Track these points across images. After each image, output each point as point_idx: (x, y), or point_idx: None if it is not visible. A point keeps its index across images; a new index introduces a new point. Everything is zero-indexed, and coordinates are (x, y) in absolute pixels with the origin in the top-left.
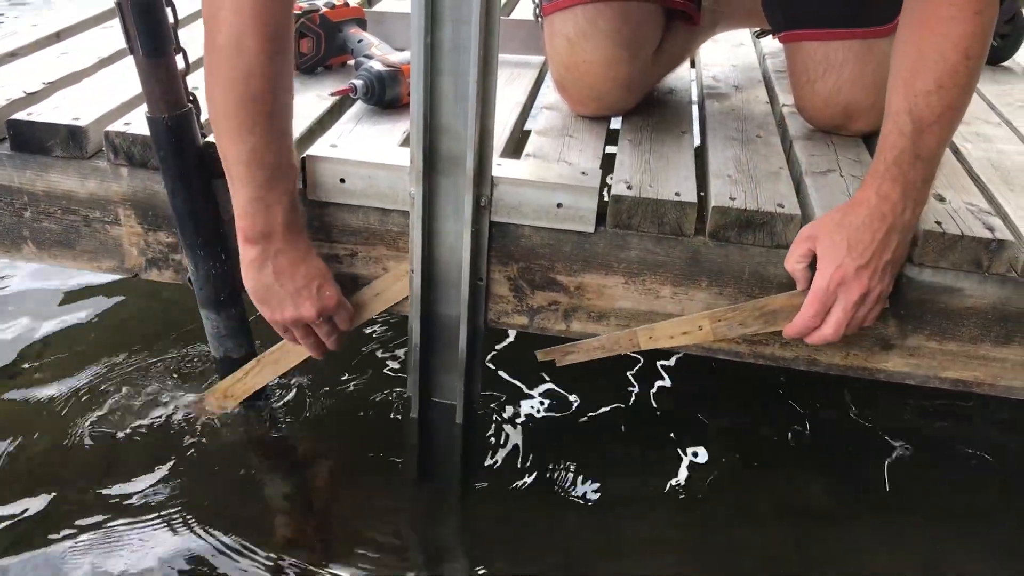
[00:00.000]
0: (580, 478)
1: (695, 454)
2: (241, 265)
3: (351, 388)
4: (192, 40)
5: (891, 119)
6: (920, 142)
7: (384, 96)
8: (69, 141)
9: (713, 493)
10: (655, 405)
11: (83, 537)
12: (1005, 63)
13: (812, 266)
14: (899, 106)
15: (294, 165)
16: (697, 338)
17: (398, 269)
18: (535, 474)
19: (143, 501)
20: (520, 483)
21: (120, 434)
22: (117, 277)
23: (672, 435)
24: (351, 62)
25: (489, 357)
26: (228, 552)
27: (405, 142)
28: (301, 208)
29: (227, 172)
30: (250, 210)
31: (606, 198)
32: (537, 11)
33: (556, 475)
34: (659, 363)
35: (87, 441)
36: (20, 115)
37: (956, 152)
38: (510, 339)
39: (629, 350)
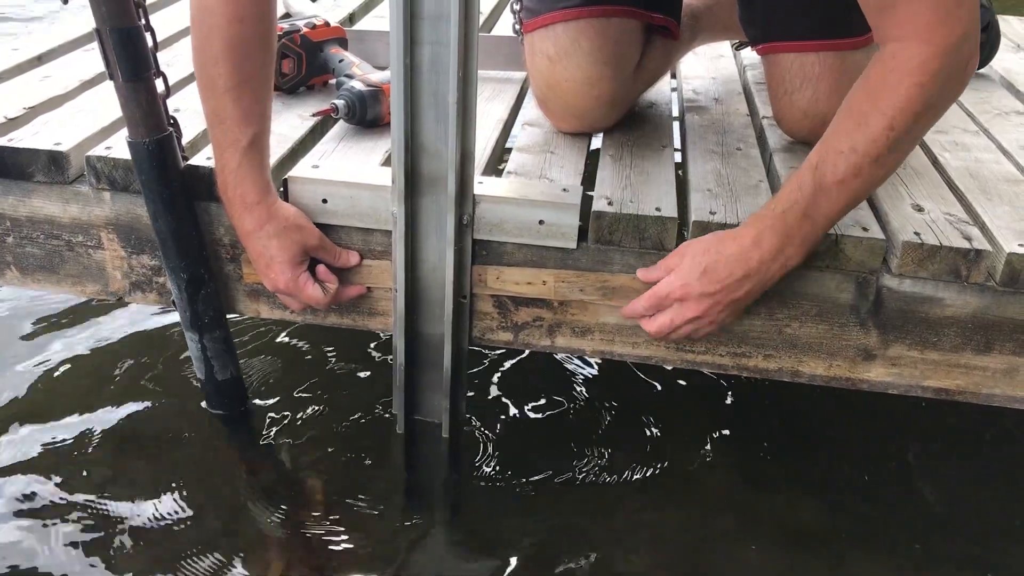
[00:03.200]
0: (569, 492)
1: (690, 473)
2: None
3: (337, 403)
4: (172, 63)
5: (798, 171)
6: (814, 202)
7: (366, 116)
8: (51, 166)
9: (707, 512)
10: (648, 419)
11: (65, 556)
12: (982, 71)
13: None
14: (809, 160)
15: (250, 132)
16: (539, 291)
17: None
18: (523, 491)
19: (126, 519)
20: (508, 500)
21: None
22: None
23: (666, 451)
24: (332, 81)
25: (477, 369)
26: (213, 570)
27: (387, 162)
28: (255, 180)
29: None
30: (215, 169)
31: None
32: (517, 28)
33: (545, 492)
34: (654, 376)
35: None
36: (1, 141)
37: (935, 162)
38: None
39: (477, 283)
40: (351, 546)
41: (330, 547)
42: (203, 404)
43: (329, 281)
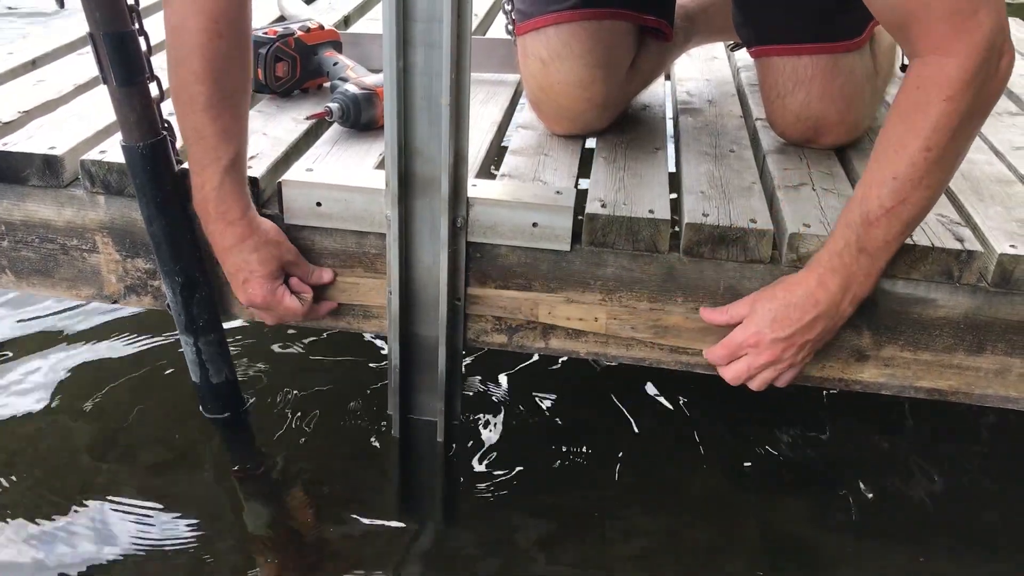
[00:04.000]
0: (562, 497)
1: (679, 474)
2: None
3: (333, 406)
4: (165, 67)
5: (845, 208)
6: (867, 235)
7: (360, 119)
8: (45, 170)
9: (696, 513)
10: (640, 423)
11: (57, 559)
12: None
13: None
14: (855, 195)
15: (231, 150)
16: (589, 327)
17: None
18: (516, 494)
19: (121, 521)
20: (502, 503)
21: None
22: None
23: (657, 454)
24: (327, 84)
25: (469, 373)
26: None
27: (381, 165)
28: (237, 197)
29: None
30: (192, 186)
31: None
32: (510, 29)
33: (537, 495)
34: (646, 380)
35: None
36: None
37: None
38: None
39: (528, 318)
40: (345, 548)
41: (324, 549)
42: (198, 407)
43: (304, 292)
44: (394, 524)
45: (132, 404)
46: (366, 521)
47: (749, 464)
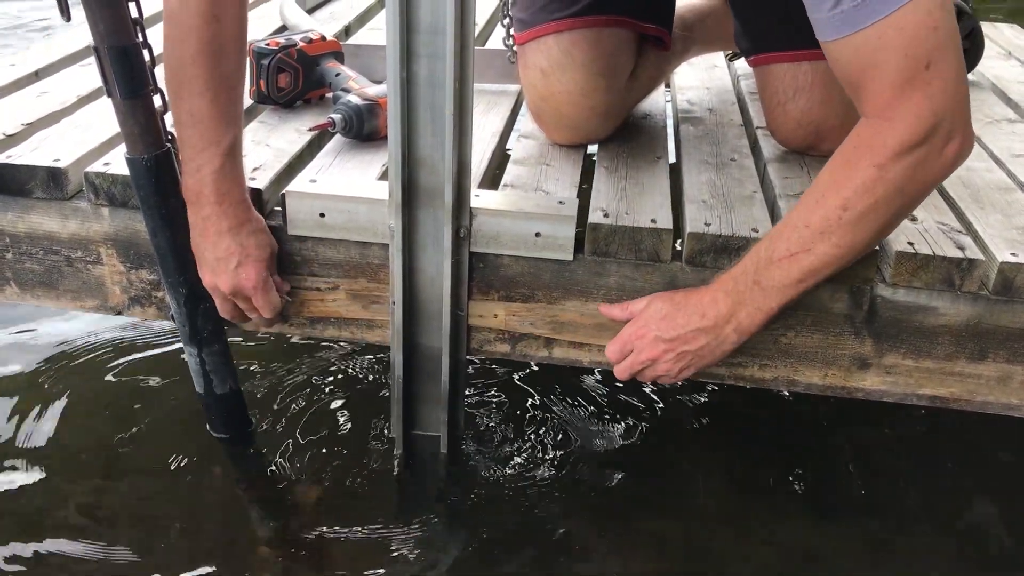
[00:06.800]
0: (565, 512)
1: (683, 487)
2: None
3: (336, 418)
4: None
5: (762, 238)
6: (765, 271)
7: (362, 129)
8: (49, 182)
9: (700, 526)
10: (646, 430)
11: (63, 571)
12: (972, 78)
13: None
14: (773, 229)
15: (230, 133)
16: (491, 323)
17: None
18: (519, 508)
19: (123, 531)
20: (503, 516)
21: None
22: None
23: (659, 467)
24: (329, 95)
25: (473, 389)
26: None
27: (384, 175)
28: (237, 179)
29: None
30: (184, 169)
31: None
32: (509, 41)
33: (540, 510)
34: (648, 390)
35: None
36: None
37: None
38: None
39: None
40: (347, 563)
41: (326, 563)
42: (202, 418)
43: (285, 289)
44: (397, 539)
45: (137, 412)
46: (368, 534)
47: (752, 470)
